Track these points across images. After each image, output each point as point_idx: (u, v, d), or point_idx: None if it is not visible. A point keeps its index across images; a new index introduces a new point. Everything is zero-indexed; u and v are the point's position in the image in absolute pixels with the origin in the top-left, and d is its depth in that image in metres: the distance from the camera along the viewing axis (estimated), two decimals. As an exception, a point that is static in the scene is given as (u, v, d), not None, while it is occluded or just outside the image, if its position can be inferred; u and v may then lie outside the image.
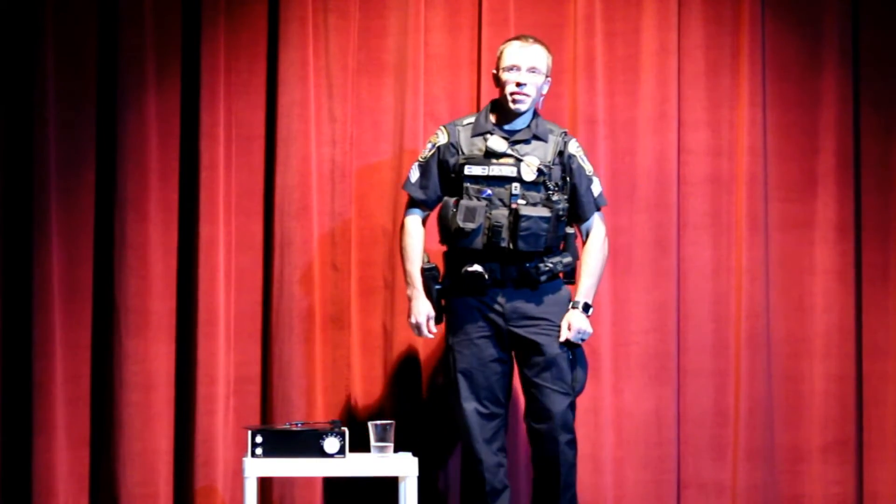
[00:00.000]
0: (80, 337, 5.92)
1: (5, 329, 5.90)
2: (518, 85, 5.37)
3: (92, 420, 5.94)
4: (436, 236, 5.51)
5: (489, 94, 5.95)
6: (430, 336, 5.46)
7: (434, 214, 5.50)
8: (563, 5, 6.10)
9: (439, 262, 5.52)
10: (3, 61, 5.92)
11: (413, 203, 5.51)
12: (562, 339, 5.37)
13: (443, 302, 5.48)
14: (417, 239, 5.48)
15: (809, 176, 6.11)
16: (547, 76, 5.46)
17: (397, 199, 5.99)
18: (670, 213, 6.07)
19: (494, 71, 5.48)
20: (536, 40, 5.46)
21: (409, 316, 5.47)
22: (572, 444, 5.40)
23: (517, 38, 5.48)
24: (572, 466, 5.41)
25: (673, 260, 6.07)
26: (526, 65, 5.39)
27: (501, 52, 5.45)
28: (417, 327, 5.45)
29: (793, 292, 6.10)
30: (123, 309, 5.92)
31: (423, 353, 6.00)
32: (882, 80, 6.09)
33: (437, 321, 5.47)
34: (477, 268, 5.35)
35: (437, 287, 5.46)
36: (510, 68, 5.40)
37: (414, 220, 5.50)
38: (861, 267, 6.09)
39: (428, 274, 5.45)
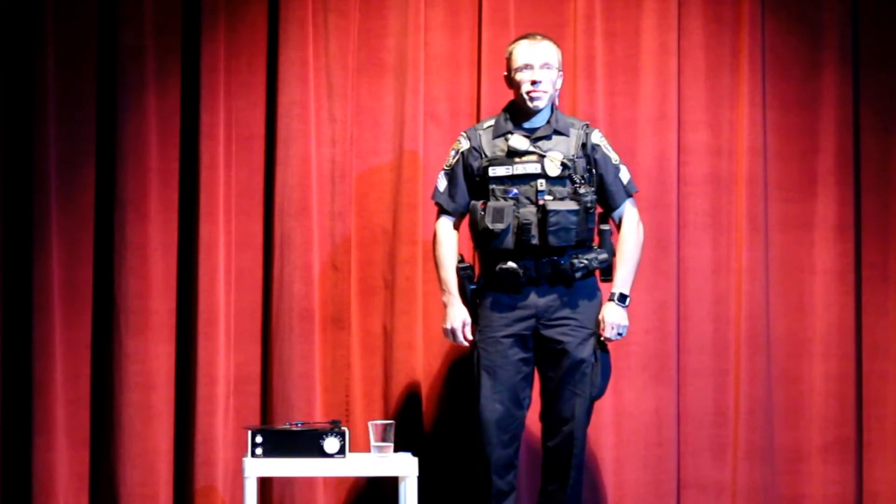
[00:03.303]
0: (80, 337, 5.92)
1: (5, 329, 5.90)
2: (533, 83, 5.36)
3: (92, 420, 5.94)
4: (471, 242, 5.48)
5: (489, 94, 5.96)
6: (466, 343, 5.42)
7: (467, 221, 5.48)
8: (563, 5, 6.10)
9: (474, 264, 5.50)
10: (3, 61, 5.93)
11: (443, 211, 5.49)
12: (603, 336, 5.36)
13: (478, 301, 5.45)
14: (450, 246, 5.45)
15: (809, 176, 6.12)
16: (559, 70, 5.44)
17: (397, 199, 5.99)
18: (670, 213, 6.07)
19: (506, 73, 5.45)
20: (544, 36, 5.44)
21: (444, 322, 5.44)
22: (584, 448, 5.39)
23: (524, 37, 5.46)
24: (581, 468, 5.40)
25: (673, 260, 6.07)
26: (539, 62, 5.37)
27: (511, 53, 5.43)
28: (453, 333, 5.41)
29: (793, 292, 6.10)
30: (123, 309, 5.92)
31: (423, 353, 6.00)
32: (882, 80, 6.10)
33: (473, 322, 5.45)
34: (511, 265, 5.33)
35: (472, 287, 5.44)
36: (523, 67, 5.37)
37: (445, 228, 5.47)
38: (861, 267, 6.09)
39: (463, 273, 5.42)
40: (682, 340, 6.07)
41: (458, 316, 5.40)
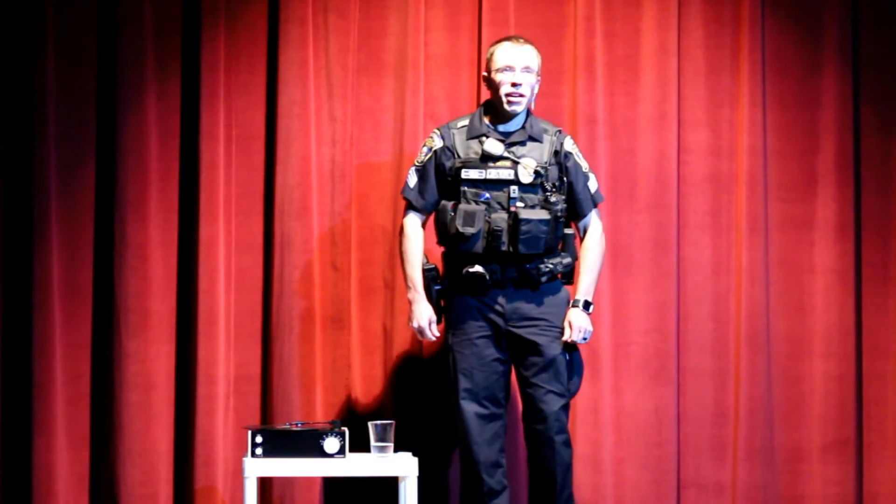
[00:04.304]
0: (80, 337, 5.92)
1: (5, 329, 5.90)
2: (514, 85, 5.37)
3: (92, 420, 5.94)
4: (434, 237, 5.51)
5: (488, 94, 5.95)
6: (433, 339, 5.46)
7: (432, 217, 5.50)
8: (563, 5, 6.10)
9: (438, 263, 5.52)
10: (3, 61, 5.93)
11: (412, 207, 5.51)
12: (565, 338, 5.38)
13: (442, 303, 5.48)
14: (417, 242, 5.48)
15: (809, 176, 6.11)
16: (538, 75, 5.46)
17: (397, 199, 5.99)
18: (670, 213, 6.07)
19: (485, 73, 5.47)
20: (526, 40, 5.46)
21: (409, 320, 5.47)
22: (568, 444, 5.41)
23: (507, 38, 5.48)
24: (568, 467, 5.41)
25: (673, 260, 6.07)
26: (520, 65, 5.38)
27: (492, 54, 5.45)
28: (420, 331, 5.45)
29: (793, 292, 6.10)
30: (123, 309, 5.92)
31: (423, 353, 6.00)
32: (882, 79, 6.09)
33: (438, 322, 5.47)
34: (478, 268, 5.35)
35: (437, 288, 5.46)
36: (504, 69, 5.39)
37: (413, 224, 5.49)
38: (861, 267, 6.09)
39: (428, 275, 5.45)
40: (682, 340, 6.07)
41: (425, 314, 5.43)
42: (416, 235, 5.48)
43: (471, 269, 5.36)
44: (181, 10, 5.98)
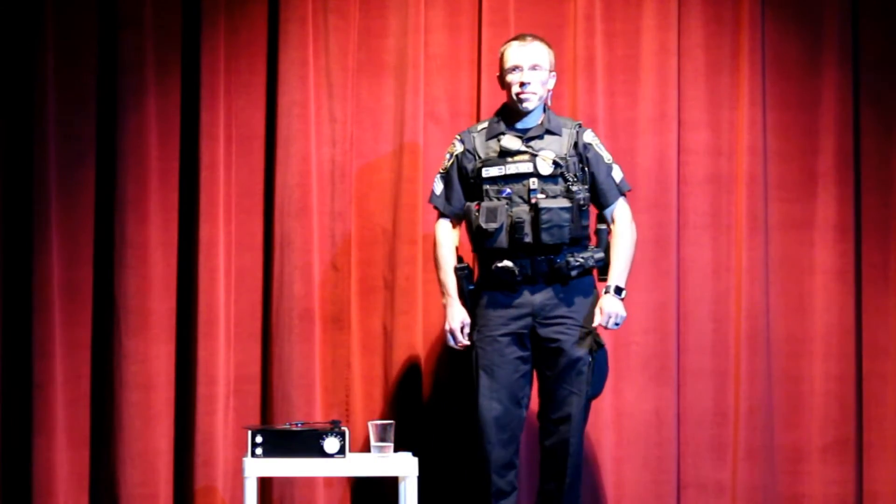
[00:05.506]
0: (80, 337, 5.92)
1: (5, 329, 5.90)
2: (522, 84, 5.39)
3: (92, 420, 5.94)
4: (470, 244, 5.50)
5: (489, 94, 5.97)
6: (466, 343, 5.43)
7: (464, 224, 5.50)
8: (563, 5, 6.10)
9: (473, 266, 5.50)
10: (3, 61, 5.93)
11: (441, 214, 5.51)
12: (594, 324, 5.37)
13: (475, 301, 5.45)
14: (449, 248, 5.48)
15: (809, 176, 6.12)
16: (551, 71, 5.46)
17: (397, 199, 6.00)
18: (670, 213, 6.07)
19: (498, 74, 5.49)
20: (535, 37, 5.47)
21: (445, 322, 5.46)
22: (581, 446, 5.40)
23: (516, 38, 5.49)
24: (579, 468, 5.41)
25: (673, 260, 6.07)
26: (528, 63, 5.40)
27: (502, 55, 5.46)
28: (451, 334, 5.43)
29: (793, 292, 6.10)
30: (123, 309, 5.92)
31: (423, 353, 6.00)
32: (882, 80, 6.09)
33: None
34: (507, 263, 5.35)
35: (471, 287, 5.45)
36: (513, 69, 5.41)
37: (443, 230, 5.49)
38: (861, 267, 6.09)
39: (461, 273, 5.45)
40: (682, 340, 6.07)
41: (457, 317, 5.42)
42: (447, 241, 5.49)
43: (500, 265, 5.36)
44: (181, 10, 5.99)
